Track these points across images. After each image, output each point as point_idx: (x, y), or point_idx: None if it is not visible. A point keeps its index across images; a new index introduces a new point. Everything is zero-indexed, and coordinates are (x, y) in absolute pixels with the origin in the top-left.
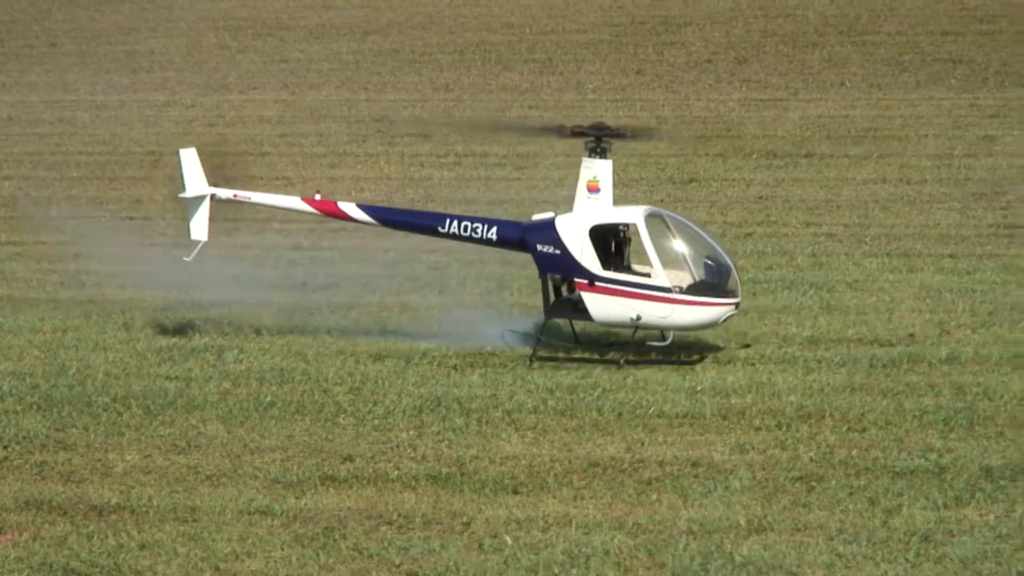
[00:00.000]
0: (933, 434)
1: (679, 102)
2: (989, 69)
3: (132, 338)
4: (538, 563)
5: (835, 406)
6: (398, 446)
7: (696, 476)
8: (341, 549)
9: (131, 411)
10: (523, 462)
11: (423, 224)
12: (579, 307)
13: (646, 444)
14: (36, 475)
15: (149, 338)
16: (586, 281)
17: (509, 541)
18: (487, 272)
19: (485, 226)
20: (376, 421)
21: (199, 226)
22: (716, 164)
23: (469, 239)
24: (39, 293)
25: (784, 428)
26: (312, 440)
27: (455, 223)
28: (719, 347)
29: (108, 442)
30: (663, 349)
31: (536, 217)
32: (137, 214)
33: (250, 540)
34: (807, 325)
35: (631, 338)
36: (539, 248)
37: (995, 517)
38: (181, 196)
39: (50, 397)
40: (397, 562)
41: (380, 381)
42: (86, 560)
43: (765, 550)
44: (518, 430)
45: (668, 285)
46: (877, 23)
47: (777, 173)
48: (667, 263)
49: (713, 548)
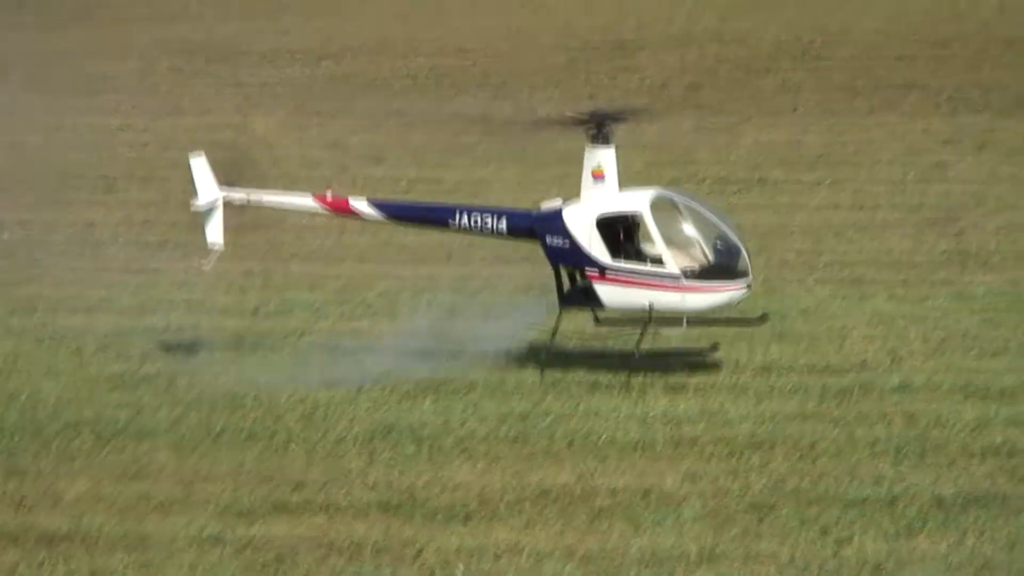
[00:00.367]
0: (884, 463)
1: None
2: (942, 95)
3: (83, 364)
4: None
5: (786, 435)
6: (349, 474)
7: (647, 505)
8: None
9: (82, 438)
10: (474, 490)
11: (433, 218)
12: (591, 296)
13: (597, 472)
14: None
15: (100, 364)
16: (597, 271)
17: (460, 570)
18: (438, 299)
19: (495, 217)
20: (327, 449)
21: (214, 231)
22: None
23: (480, 232)
24: None
25: (735, 457)
26: (263, 468)
27: (465, 215)
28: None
29: (59, 469)
30: (677, 336)
31: (544, 206)
32: (90, 238)
33: (201, 568)
34: (759, 353)
35: (643, 329)
36: (548, 240)
37: (947, 546)
38: (194, 206)
39: (0, 423)
40: None
41: (331, 408)
42: None
43: None
44: (469, 458)
45: (677, 272)
46: (830, 49)
47: (730, 199)
48: (676, 249)
49: None
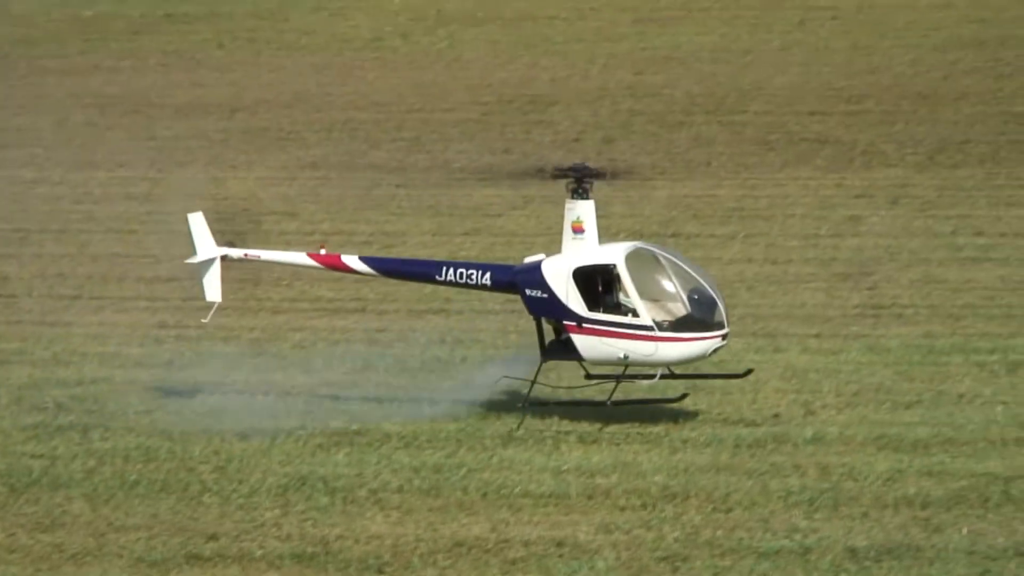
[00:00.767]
0: (798, 514)
1: (546, 181)
2: (856, 149)
3: None
4: None
5: (700, 486)
6: (263, 525)
7: (561, 556)
8: None
9: None
10: (388, 542)
11: (421, 273)
12: (570, 347)
13: (511, 524)
14: None
15: (14, 416)
16: (574, 323)
17: None
18: (352, 351)
19: (479, 272)
20: (241, 500)
21: (212, 288)
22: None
23: (465, 285)
24: None
25: (649, 508)
26: (177, 519)
27: (451, 270)
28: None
29: None
30: (649, 388)
31: (527, 260)
32: (3, 291)
33: None
34: (673, 405)
35: (617, 380)
36: (528, 292)
37: None
38: (189, 262)
39: None
40: None
41: (245, 459)
42: None
43: None
44: (383, 509)
45: (651, 324)
46: (744, 103)
47: None
48: (650, 301)
49: None
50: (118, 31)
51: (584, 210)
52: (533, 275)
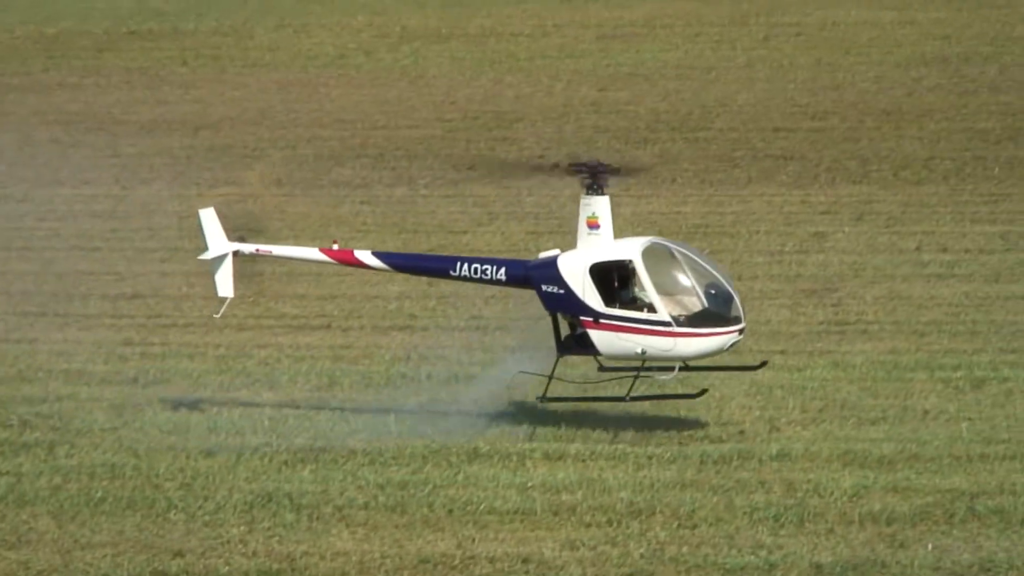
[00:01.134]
0: (763, 531)
1: (511, 198)
2: (820, 166)
3: None
4: None
5: (665, 502)
6: (229, 542)
7: (527, 572)
8: None
9: None
10: (354, 558)
11: (435, 268)
12: (587, 343)
13: (477, 540)
14: None
15: None
16: (591, 318)
17: None
18: (318, 368)
19: (494, 267)
20: (207, 517)
21: (224, 283)
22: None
23: (479, 280)
24: None
25: (614, 524)
26: (143, 536)
27: (466, 265)
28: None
29: None
30: (667, 383)
31: (542, 255)
32: None
33: None
34: (637, 421)
35: (636, 373)
36: (543, 287)
37: None
38: (201, 258)
39: None
40: None
41: (211, 477)
42: None
43: None
44: (348, 526)
45: (668, 319)
46: (708, 119)
47: None
48: (667, 296)
49: None
50: (82, 48)
51: (599, 206)
52: (549, 271)
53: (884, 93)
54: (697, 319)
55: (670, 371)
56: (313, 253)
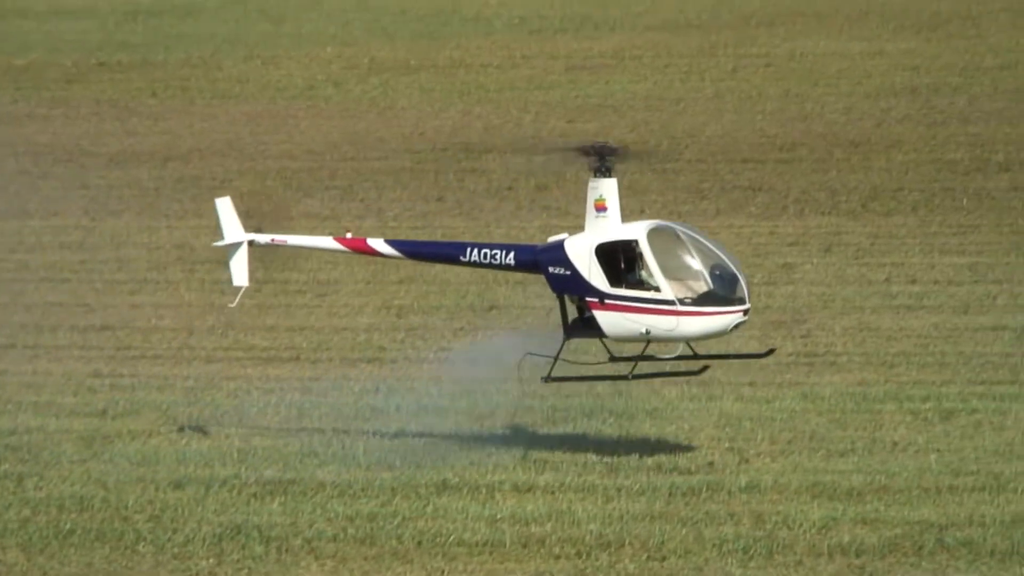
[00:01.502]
0: (733, 563)
1: (480, 229)
2: (789, 197)
3: None
4: None
5: (635, 534)
6: (198, 574)
7: None
8: None
9: None
10: None
11: (445, 254)
12: (593, 325)
13: (446, 573)
14: None
15: None
16: (596, 299)
17: None
18: (286, 399)
19: (503, 252)
20: (176, 549)
21: (239, 272)
22: (516, 291)
23: (489, 265)
24: None
25: (584, 556)
26: (112, 568)
27: (475, 251)
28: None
29: None
30: (670, 361)
31: (551, 240)
32: None
33: None
34: (607, 453)
35: (640, 352)
36: (551, 269)
37: None
38: (217, 244)
39: None
40: None
41: (180, 509)
42: None
43: None
44: (318, 559)
45: (672, 298)
46: (677, 151)
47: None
48: (672, 276)
49: None
50: (51, 80)
51: (607, 188)
52: (556, 253)
53: (853, 124)
54: (701, 299)
55: (673, 350)
56: (327, 242)
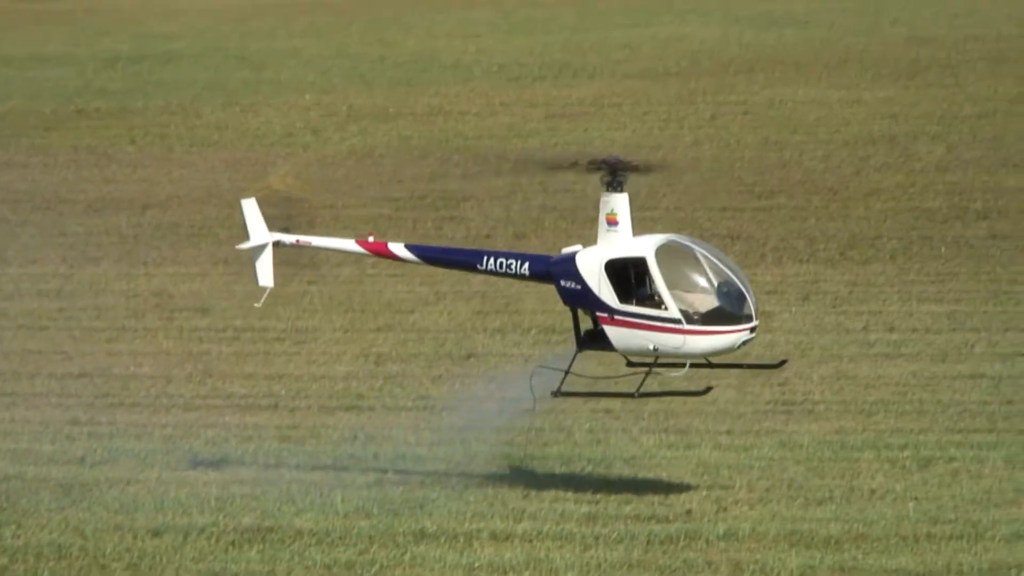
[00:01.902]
0: None
1: (458, 276)
2: (767, 245)
3: None
4: None
5: None
6: None
7: None
8: None
9: None
10: None
11: (462, 261)
12: (603, 338)
13: None
14: None
15: None
16: (606, 314)
17: None
18: (264, 448)
19: (518, 262)
20: None
21: (265, 273)
22: (495, 339)
23: (504, 274)
24: None
25: None
26: None
27: (491, 260)
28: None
29: None
30: (677, 379)
31: (564, 251)
32: None
33: None
34: (585, 501)
35: (647, 371)
36: (562, 282)
37: None
38: (240, 247)
39: None
40: None
41: (158, 557)
42: None
43: None
44: None
45: (678, 316)
46: (655, 199)
47: (555, 348)
48: (680, 293)
49: None
50: (29, 127)
51: (618, 203)
52: (567, 266)
53: (831, 172)
54: (708, 317)
55: (681, 368)
56: (350, 244)
